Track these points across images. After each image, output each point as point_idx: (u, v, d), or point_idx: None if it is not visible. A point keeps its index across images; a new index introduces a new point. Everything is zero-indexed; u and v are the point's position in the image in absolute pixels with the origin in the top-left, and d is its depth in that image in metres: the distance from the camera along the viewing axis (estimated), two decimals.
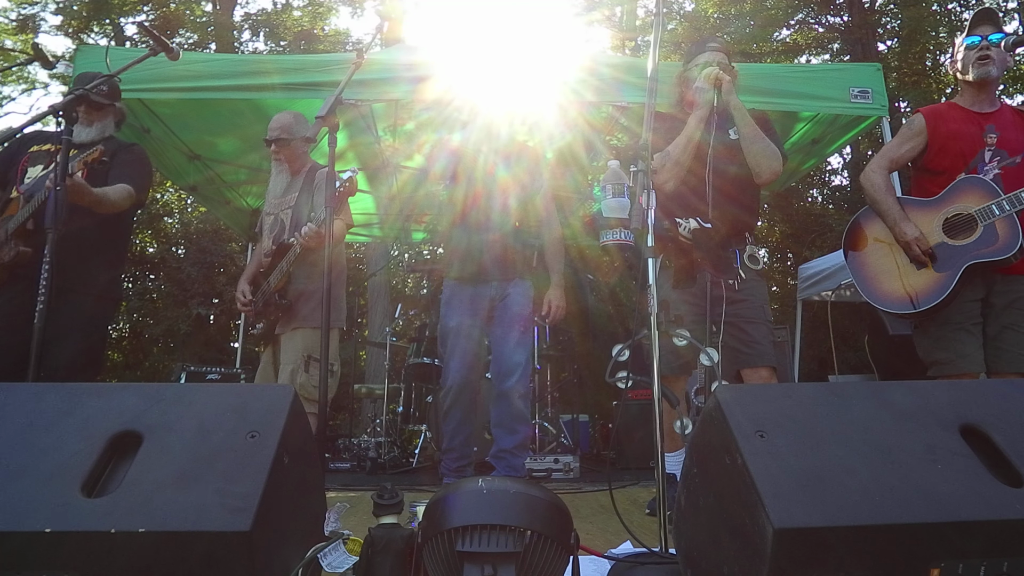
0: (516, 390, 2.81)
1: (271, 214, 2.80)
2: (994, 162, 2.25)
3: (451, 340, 2.87)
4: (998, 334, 2.23)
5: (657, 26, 1.84)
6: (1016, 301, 2.23)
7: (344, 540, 1.26)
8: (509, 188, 2.98)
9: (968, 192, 2.22)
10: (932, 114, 2.40)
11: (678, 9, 12.40)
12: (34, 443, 1.04)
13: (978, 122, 2.31)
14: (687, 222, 2.27)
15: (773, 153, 2.34)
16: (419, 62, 3.40)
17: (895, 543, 0.94)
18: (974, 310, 2.25)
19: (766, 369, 2.32)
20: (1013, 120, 2.32)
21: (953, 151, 2.31)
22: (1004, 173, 2.23)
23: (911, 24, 9.93)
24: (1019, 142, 2.27)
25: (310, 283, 2.66)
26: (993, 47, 2.25)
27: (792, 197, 8.92)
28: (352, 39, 13.29)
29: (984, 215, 2.17)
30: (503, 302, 2.89)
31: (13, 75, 11.95)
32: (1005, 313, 2.23)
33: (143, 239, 10.20)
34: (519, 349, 2.84)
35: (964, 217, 2.21)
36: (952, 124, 2.34)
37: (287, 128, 2.74)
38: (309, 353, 2.59)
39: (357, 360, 8.03)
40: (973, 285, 2.23)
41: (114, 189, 2.42)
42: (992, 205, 2.15)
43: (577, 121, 4.02)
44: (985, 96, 2.34)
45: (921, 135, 2.38)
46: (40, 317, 1.84)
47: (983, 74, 2.27)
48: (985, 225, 2.16)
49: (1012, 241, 2.10)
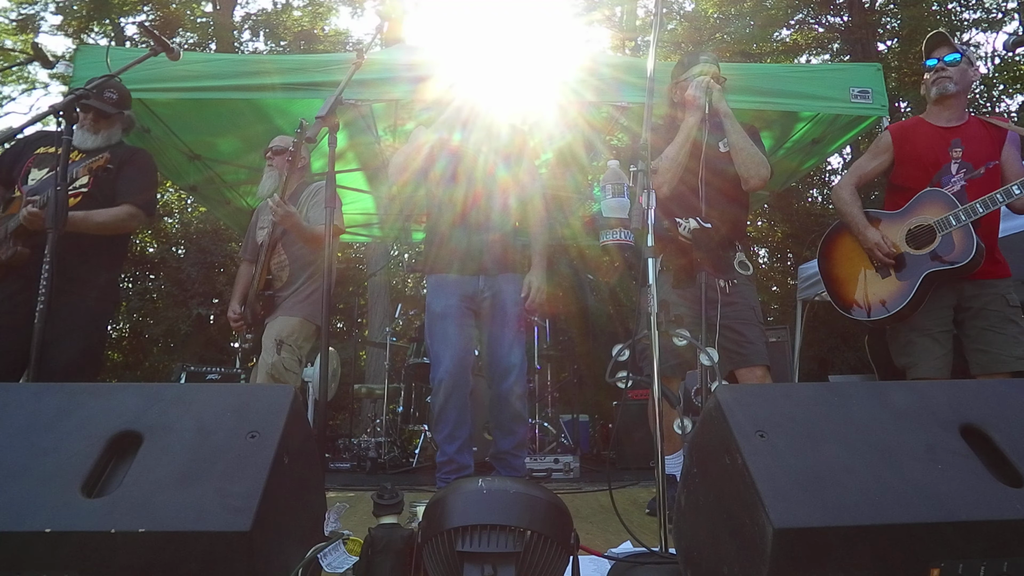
0: (514, 391, 2.67)
1: (264, 228, 2.90)
2: (960, 174, 2.37)
3: (439, 326, 2.63)
4: (979, 337, 2.32)
5: (657, 26, 1.85)
6: (989, 303, 2.32)
7: (344, 540, 1.26)
8: (509, 188, 2.97)
9: (929, 204, 2.35)
10: (898, 131, 2.54)
11: (678, 9, 12.39)
12: (34, 443, 1.04)
13: (944, 137, 2.42)
14: (687, 222, 2.29)
15: (761, 160, 2.42)
16: (419, 62, 3.40)
17: (895, 543, 0.94)
18: (945, 317, 2.36)
19: (760, 368, 2.39)
20: (979, 133, 2.42)
21: (918, 167, 2.43)
22: (969, 185, 2.34)
23: (911, 24, 9.93)
24: (984, 154, 2.37)
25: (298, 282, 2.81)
26: (949, 66, 2.41)
27: (792, 197, 8.92)
28: (352, 39, 13.29)
29: (942, 226, 2.29)
30: (496, 299, 2.71)
31: (13, 75, 11.96)
32: (982, 316, 2.32)
33: (143, 239, 10.20)
34: (515, 349, 2.69)
35: (925, 228, 2.34)
36: (918, 140, 2.46)
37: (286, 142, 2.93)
38: (280, 338, 2.68)
39: (357, 360, 8.03)
40: (942, 293, 2.34)
41: (117, 216, 2.44)
42: (949, 216, 2.27)
43: (577, 121, 4.02)
44: (951, 111, 2.45)
45: (888, 151, 2.52)
46: (40, 317, 1.84)
47: (941, 90, 2.42)
48: (943, 235, 2.29)
49: (967, 249, 2.23)
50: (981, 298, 2.33)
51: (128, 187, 2.49)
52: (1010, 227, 3.62)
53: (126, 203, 2.47)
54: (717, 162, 2.41)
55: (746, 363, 2.38)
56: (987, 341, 2.30)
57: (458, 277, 2.69)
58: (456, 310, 2.64)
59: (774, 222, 10.23)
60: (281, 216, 2.62)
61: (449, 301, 2.65)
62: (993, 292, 2.33)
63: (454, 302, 2.65)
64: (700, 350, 1.64)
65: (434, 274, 2.75)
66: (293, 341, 2.72)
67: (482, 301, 2.70)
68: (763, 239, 10.34)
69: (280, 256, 2.85)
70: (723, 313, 2.28)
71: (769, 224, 10.31)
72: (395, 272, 10.41)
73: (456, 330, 2.62)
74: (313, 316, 2.77)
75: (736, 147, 2.42)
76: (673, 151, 2.38)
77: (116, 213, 2.44)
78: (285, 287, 2.82)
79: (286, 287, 2.82)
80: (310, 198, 2.86)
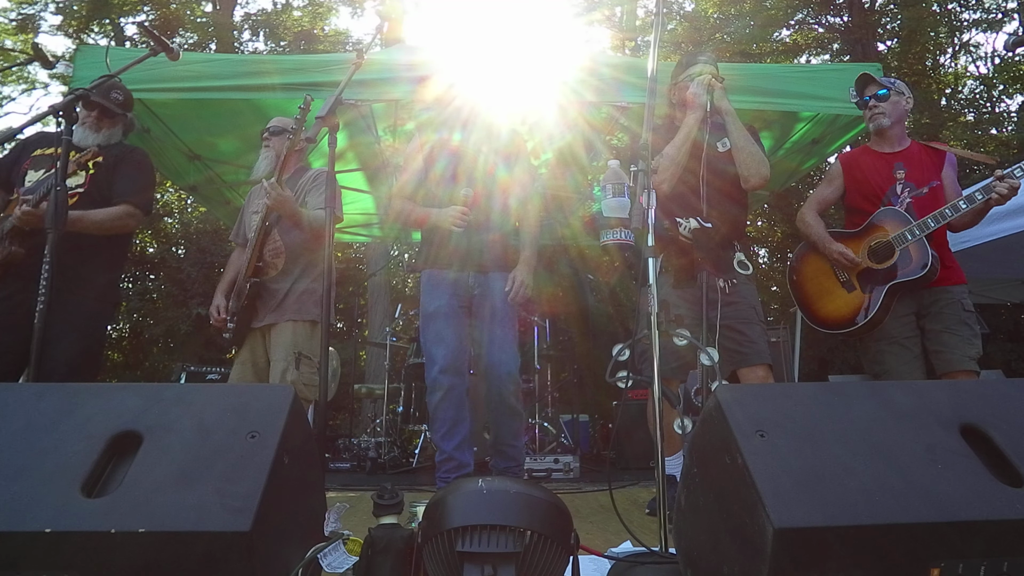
0: (508, 388, 2.66)
1: (258, 212, 2.71)
2: (905, 193, 2.57)
3: (432, 326, 2.64)
4: (936, 338, 2.47)
5: (657, 26, 1.85)
6: (946, 307, 2.48)
7: (344, 540, 1.26)
8: (509, 188, 2.97)
9: (886, 222, 2.54)
10: (847, 160, 2.76)
11: (678, 9, 12.38)
12: (34, 443, 1.04)
13: (888, 161, 2.63)
14: (687, 222, 2.30)
15: (762, 159, 2.45)
16: (419, 62, 3.39)
17: (895, 543, 0.94)
18: (909, 324, 2.52)
19: (762, 367, 2.39)
20: (920, 156, 2.62)
21: (867, 190, 2.63)
22: (915, 202, 2.53)
23: (911, 24, 9.92)
24: (925, 175, 2.57)
25: (302, 279, 2.66)
26: (880, 103, 2.63)
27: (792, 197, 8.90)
28: (352, 39, 13.29)
29: (899, 240, 2.48)
30: (487, 296, 2.69)
31: (13, 75, 11.95)
32: (938, 319, 2.48)
33: (143, 239, 10.19)
34: (507, 345, 2.67)
35: (884, 243, 2.52)
36: (865, 167, 2.67)
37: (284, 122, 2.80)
38: (299, 350, 2.55)
39: (357, 360, 8.03)
40: (904, 302, 2.51)
41: (114, 215, 2.43)
42: (905, 231, 2.46)
43: (577, 121, 4.02)
44: (891, 139, 2.66)
45: (839, 178, 2.73)
46: (40, 317, 1.84)
47: (878, 125, 2.64)
48: (900, 249, 2.47)
49: (923, 261, 2.42)
50: (938, 303, 2.49)
51: (125, 186, 2.48)
52: (1011, 227, 3.63)
53: (123, 202, 2.46)
54: (717, 162, 2.41)
55: (747, 362, 2.38)
56: (944, 342, 2.45)
57: (451, 273, 2.68)
58: (448, 308, 2.64)
59: (774, 222, 10.22)
60: (275, 200, 2.46)
61: (441, 301, 2.65)
62: (948, 297, 2.48)
63: (445, 301, 2.64)
64: (700, 350, 1.64)
65: (428, 269, 2.74)
66: (311, 351, 2.58)
67: (472, 298, 2.69)
68: (763, 239, 10.33)
69: (275, 242, 2.67)
70: (724, 313, 2.29)
71: (769, 224, 10.30)
72: (395, 272, 10.41)
73: (449, 329, 2.62)
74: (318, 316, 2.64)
75: (737, 146, 2.43)
76: (673, 151, 2.38)
77: (113, 212, 2.43)
78: (280, 277, 2.65)
79: (281, 277, 2.65)
80: (310, 182, 2.74)
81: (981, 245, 3.85)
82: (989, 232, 3.60)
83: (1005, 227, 3.64)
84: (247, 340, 2.67)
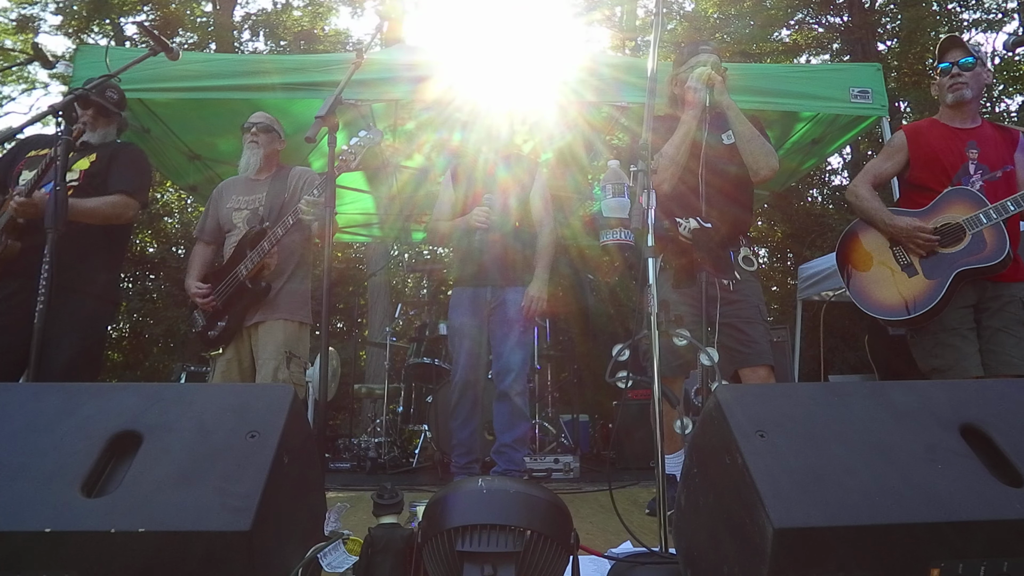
0: (514, 388, 2.92)
1: (242, 209, 2.77)
2: (977, 175, 2.35)
3: (456, 339, 3.02)
4: (992, 337, 2.30)
5: (657, 26, 1.84)
6: (1007, 305, 2.30)
7: (344, 540, 1.26)
8: (509, 188, 2.98)
9: (956, 202, 2.31)
10: (913, 131, 2.51)
11: (678, 9, 12.38)
12: (34, 443, 1.04)
13: (960, 138, 2.41)
14: (687, 222, 2.28)
15: (769, 151, 2.38)
16: (419, 62, 3.40)
17: (895, 543, 0.94)
18: (967, 316, 2.32)
19: (764, 368, 2.35)
20: (993, 136, 2.42)
21: (937, 166, 2.40)
22: (986, 186, 2.33)
23: (911, 24, 9.93)
24: (999, 158, 2.37)
25: (294, 279, 2.72)
26: (965, 71, 2.39)
27: (792, 197, 8.92)
28: (352, 39, 13.28)
29: (972, 224, 2.26)
30: (501, 308, 2.97)
31: (13, 75, 11.93)
32: (997, 316, 2.30)
33: (143, 239, 10.19)
34: (517, 350, 2.95)
35: (953, 226, 2.30)
36: (934, 140, 2.44)
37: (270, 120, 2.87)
38: (289, 349, 2.60)
39: (357, 360, 8.02)
40: (963, 292, 2.31)
41: (110, 202, 2.43)
42: (980, 214, 2.24)
43: (577, 121, 4.02)
44: (965, 114, 2.45)
45: (903, 151, 2.49)
46: (40, 317, 1.84)
47: (958, 98, 2.41)
48: (973, 233, 2.26)
49: (999, 248, 2.20)
50: (1000, 299, 2.31)
51: (119, 178, 2.49)
52: None
53: (119, 192, 2.46)
54: (718, 161, 2.38)
55: (749, 363, 2.34)
56: (999, 342, 2.28)
57: (470, 290, 3.01)
58: (469, 327, 2.99)
59: (774, 222, 10.22)
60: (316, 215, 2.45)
61: (464, 319, 3.00)
62: (1011, 294, 2.31)
63: (467, 319, 2.99)
64: (700, 350, 1.64)
65: (455, 287, 3.13)
66: (301, 351, 2.67)
67: (490, 311, 3.00)
68: (763, 239, 10.33)
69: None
70: (726, 311, 2.26)
71: (769, 224, 10.30)
72: (395, 272, 10.40)
73: (468, 342, 2.98)
74: (308, 316, 2.76)
75: (743, 138, 2.36)
76: (672, 150, 2.34)
77: (108, 200, 2.43)
78: (272, 276, 2.70)
79: (273, 276, 2.70)
80: (299, 180, 2.78)
81: None
82: None
83: None
84: (233, 341, 2.70)
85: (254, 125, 2.83)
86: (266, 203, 2.74)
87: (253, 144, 2.82)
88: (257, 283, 2.62)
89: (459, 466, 2.99)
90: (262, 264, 2.63)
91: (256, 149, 2.81)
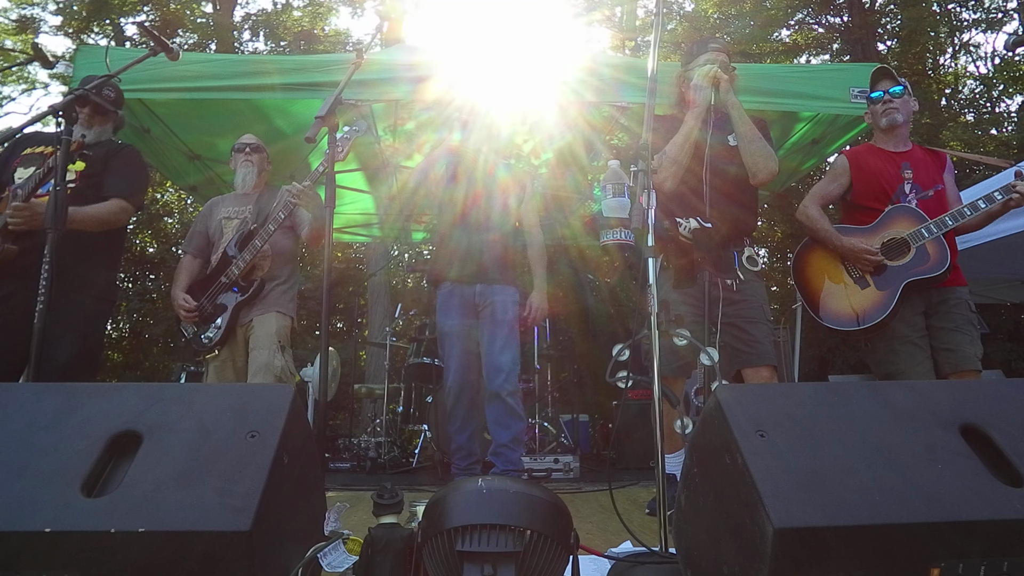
0: (505, 388, 2.90)
1: (232, 218, 2.89)
2: (912, 194, 2.56)
3: (448, 343, 3.00)
4: (947, 337, 2.45)
5: (657, 26, 1.84)
6: (957, 306, 2.48)
7: (344, 540, 1.26)
8: (509, 188, 2.98)
9: (899, 219, 2.51)
10: (854, 156, 2.71)
11: (678, 9, 12.39)
12: (34, 443, 1.04)
13: (895, 160, 2.61)
14: (687, 222, 2.28)
15: (770, 154, 2.39)
16: (419, 62, 3.39)
17: (895, 543, 0.94)
18: (919, 323, 2.49)
19: (767, 368, 2.35)
20: (924, 159, 2.63)
21: (877, 187, 2.59)
22: (920, 205, 2.52)
23: (911, 24, 9.92)
24: (930, 178, 2.58)
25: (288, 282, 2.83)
26: (895, 98, 2.60)
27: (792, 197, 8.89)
28: (352, 39, 13.28)
29: (915, 238, 2.46)
30: (490, 307, 2.95)
31: (13, 75, 11.94)
32: (948, 318, 2.47)
33: (143, 239, 10.19)
34: (506, 350, 2.92)
35: (898, 241, 2.49)
36: (873, 163, 2.63)
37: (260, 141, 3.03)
38: (280, 339, 2.68)
39: (357, 360, 8.02)
40: (912, 301, 2.48)
41: (107, 208, 2.44)
42: (921, 229, 2.45)
43: (577, 121, 4.01)
44: (898, 138, 2.65)
45: (846, 174, 2.67)
46: (39, 317, 1.84)
47: (891, 121, 2.61)
48: (917, 247, 2.45)
49: (942, 259, 2.41)
50: (948, 302, 2.48)
51: (116, 182, 2.50)
52: (1012, 227, 3.63)
53: (115, 197, 2.47)
54: (718, 162, 2.37)
55: (751, 363, 2.34)
56: (955, 341, 2.43)
57: (459, 286, 2.96)
58: (459, 328, 2.97)
59: (774, 222, 10.21)
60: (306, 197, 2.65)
61: (454, 321, 2.97)
62: (958, 297, 2.49)
63: (457, 321, 2.97)
64: (700, 350, 1.64)
65: (439, 283, 3.05)
66: (288, 343, 2.76)
67: (478, 309, 2.97)
68: (763, 239, 10.32)
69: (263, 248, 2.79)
70: (730, 311, 2.26)
71: (769, 224, 10.29)
72: (395, 272, 10.40)
73: (460, 345, 2.97)
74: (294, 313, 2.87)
75: (744, 139, 2.37)
76: (674, 150, 2.33)
77: (106, 207, 2.44)
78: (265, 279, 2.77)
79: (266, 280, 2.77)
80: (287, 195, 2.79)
81: (981, 245, 3.86)
82: (989, 232, 3.59)
83: (1005, 227, 3.64)
84: (228, 342, 2.76)
85: (247, 146, 2.97)
86: (254, 212, 2.84)
87: (248, 163, 2.95)
88: (250, 281, 2.72)
89: (460, 468, 2.99)
90: (253, 264, 2.70)
91: (251, 167, 2.95)
